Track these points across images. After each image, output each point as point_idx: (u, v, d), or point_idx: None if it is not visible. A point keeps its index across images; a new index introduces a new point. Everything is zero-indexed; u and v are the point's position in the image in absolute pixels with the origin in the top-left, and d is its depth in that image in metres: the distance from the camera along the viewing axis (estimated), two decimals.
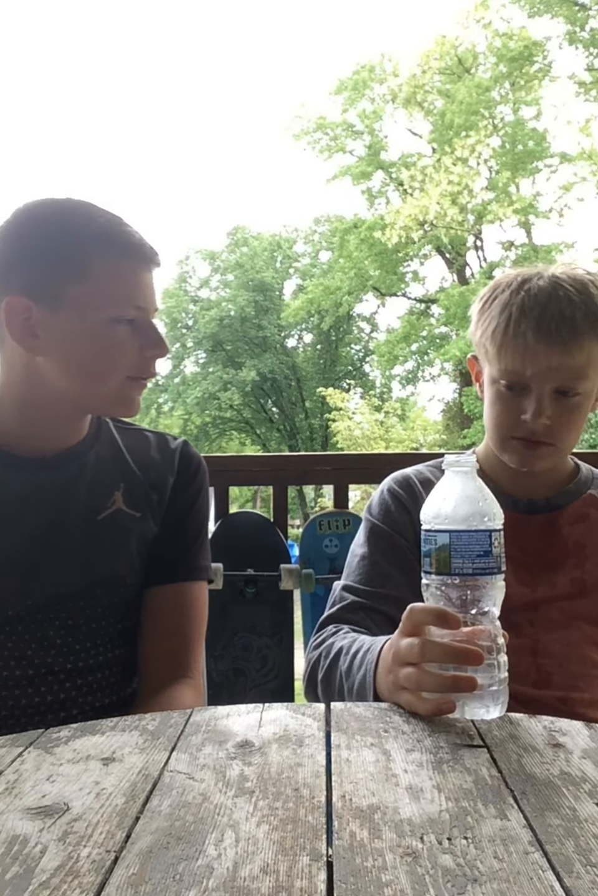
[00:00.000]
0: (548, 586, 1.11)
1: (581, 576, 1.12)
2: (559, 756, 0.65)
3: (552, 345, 1.03)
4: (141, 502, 1.08)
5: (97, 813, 0.55)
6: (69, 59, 46.43)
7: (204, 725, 0.71)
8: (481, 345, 1.12)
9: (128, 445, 1.12)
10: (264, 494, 19.33)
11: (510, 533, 0.89)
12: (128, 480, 1.08)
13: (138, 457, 1.11)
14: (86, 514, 1.04)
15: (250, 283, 23.49)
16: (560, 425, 1.07)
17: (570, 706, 1.05)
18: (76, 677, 1.02)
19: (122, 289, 0.97)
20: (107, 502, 1.06)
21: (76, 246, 0.96)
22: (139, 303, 0.99)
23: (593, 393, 1.09)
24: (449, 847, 0.49)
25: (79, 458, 1.06)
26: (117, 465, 1.09)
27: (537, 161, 16.65)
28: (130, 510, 1.07)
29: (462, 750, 0.66)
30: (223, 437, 24.18)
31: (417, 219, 15.88)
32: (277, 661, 1.93)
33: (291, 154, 51.45)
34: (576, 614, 1.10)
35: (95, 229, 0.96)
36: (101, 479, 1.06)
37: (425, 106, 18.35)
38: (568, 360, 1.04)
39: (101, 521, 1.04)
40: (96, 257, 0.96)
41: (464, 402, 16.97)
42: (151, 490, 1.09)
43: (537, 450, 1.08)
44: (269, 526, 2.00)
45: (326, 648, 1.03)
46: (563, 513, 1.15)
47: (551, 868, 0.47)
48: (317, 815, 0.54)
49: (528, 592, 1.11)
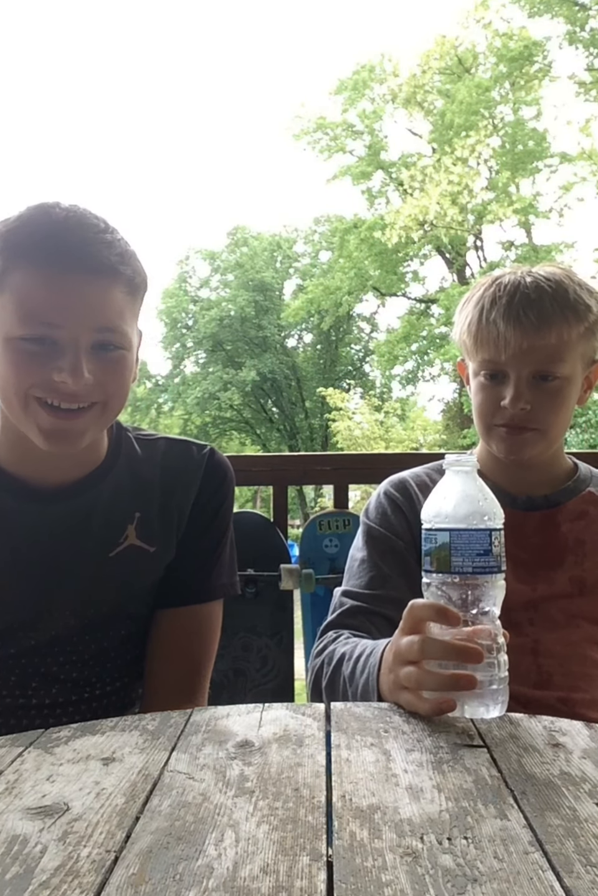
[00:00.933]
0: (547, 584, 1.11)
1: (581, 574, 1.12)
2: (559, 756, 0.65)
3: (522, 327, 1.05)
4: (156, 533, 1.02)
5: (97, 813, 0.55)
6: (70, 60, 46.45)
7: (204, 725, 0.71)
8: (462, 342, 1.15)
9: (149, 462, 1.05)
10: (264, 494, 19.33)
11: (509, 530, 0.89)
12: (144, 508, 1.02)
13: (159, 475, 1.04)
14: (97, 551, 0.99)
15: (250, 283, 23.49)
16: (542, 410, 1.08)
17: (571, 707, 1.05)
18: (80, 705, 1.01)
19: (30, 303, 0.86)
20: (120, 537, 1.00)
21: (2, 255, 0.88)
22: (51, 319, 0.86)
23: (574, 378, 1.10)
24: (449, 847, 0.49)
25: (93, 488, 1.00)
26: (134, 491, 1.02)
27: (537, 161, 16.65)
28: (143, 544, 1.01)
29: (462, 750, 0.66)
30: (223, 437, 24.16)
31: (417, 219, 15.87)
32: (277, 661, 1.93)
33: (291, 154, 51.51)
34: (576, 613, 1.10)
35: (20, 237, 0.87)
36: (115, 511, 1.00)
37: (425, 106, 18.35)
38: (539, 342, 1.06)
39: (112, 558, 1.00)
40: (13, 268, 0.87)
41: (464, 402, 16.96)
42: (169, 513, 1.03)
43: (521, 435, 1.10)
44: (269, 526, 2.00)
45: (327, 655, 1.03)
46: (562, 510, 1.15)
47: (551, 868, 0.47)
48: (317, 815, 0.54)
49: (527, 590, 1.11)
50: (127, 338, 0.92)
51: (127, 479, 1.03)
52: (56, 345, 0.87)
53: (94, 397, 0.89)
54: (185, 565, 1.05)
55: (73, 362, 0.86)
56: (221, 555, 1.08)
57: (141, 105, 48.88)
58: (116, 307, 0.89)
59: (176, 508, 1.04)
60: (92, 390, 0.89)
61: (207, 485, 1.06)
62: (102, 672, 1.02)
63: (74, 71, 45.75)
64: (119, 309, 0.90)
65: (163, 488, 1.04)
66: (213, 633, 1.07)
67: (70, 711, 0.99)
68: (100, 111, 46.61)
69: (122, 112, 47.54)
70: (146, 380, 24.64)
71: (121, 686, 1.05)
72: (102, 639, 1.01)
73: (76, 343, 0.87)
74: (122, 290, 0.90)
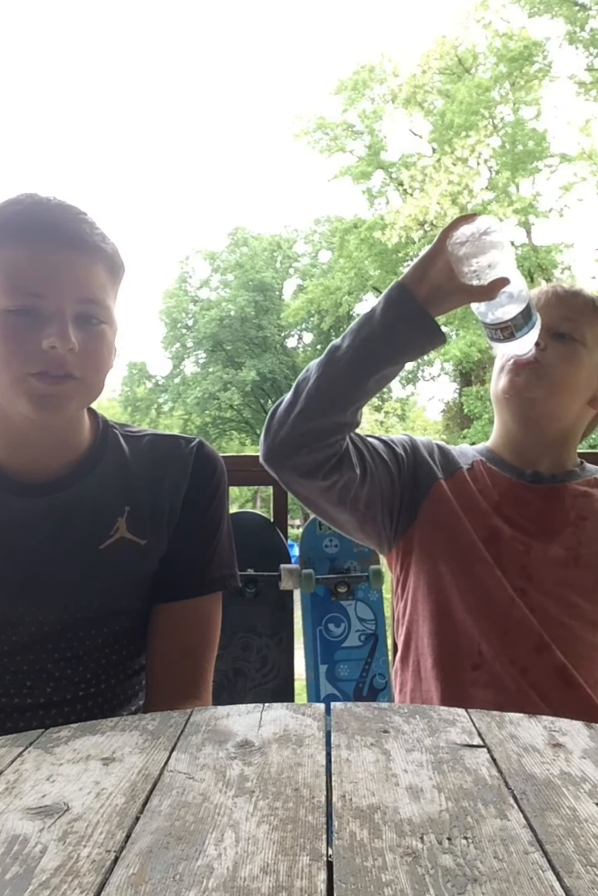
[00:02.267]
0: (543, 547, 1.14)
1: (577, 546, 1.14)
2: (559, 756, 0.65)
3: None
4: (146, 526, 1.02)
5: (97, 813, 0.55)
6: (71, 60, 46.43)
7: (204, 725, 0.71)
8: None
9: (136, 457, 1.05)
10: (264, 494, 19.33)
11: (513, 498, 0.92)
12: (133, 502, 1.02)
13: (147, 469, 1.04)
14: (87, 544, 0.99)
15: (250, 283, 23.50)
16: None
17: (567, 677, 1.07)
18: (76, 703, 1.00)
19: (17, 276, 0.89)
20: (110, 530, 1.00)
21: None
22: (38, 289, 0.89)
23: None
24: (449, 847, 0.49)
25: (80, 480, 1.00)
26: (123, 485, 1.03)
27: (537, 161, 16.63)
28: (134, 537, 1.01)
29: (462, 750, 0.66)
30: (223, 437, 24.16)
31: (417, 219, 15.87)
32: (277, 661, 1.92)
33: (291, 154, 51.52)
34: (568, 583, 1.13)
35: (9, 217, 0.91)
36: (104, 504, 1.01)
37: (425, 106, 18.34)
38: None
39: (103, 550, 0.99)
40: (2, 246, 0.90)
41: (464, 402, 16.97)
42: (159, 507, 1.03)
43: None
44: (269, 526, 2.00)
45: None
46: (567, 486, 1.19)
47: (551, 868, 0.47)
48: (317, 815, 0.54)
49: (521, 551, 1.14)
50: (109, 312, 0.95)
51: (114, 473, 1.03)
52: (42, 315, 0.90)
53: (77, 370, 0.92)
54: (180, 559, 1.04)
55: (59, 328, 0.89)
56: (218, 547, 1.08)
57: (141, 105, 48.89)
58: (98, 281, 0.93)
59: (166, 502, 1.04)
60: (76, 360, 0.91)
61: (196, 478, 1.06)
62: (98, 668, 1.02)
63: (75, 71, 45.75)
64: (102, 283, 0.94)
65: (151, 482, 1.04)
66: (212, 626, 1.06)
67: (66, 712, 0.99)
68: (100, 111, 46.64)
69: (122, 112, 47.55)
70: (146, 380, 24.65)
71: (116, 682, 1.04)
72: (96, 635, 1.01)
73: (62, 312, 0.90)
74: (103, 267, 0.94)
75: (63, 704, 0.99)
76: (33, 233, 0.90)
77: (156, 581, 1.04)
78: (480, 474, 1.21)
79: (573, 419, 1.21)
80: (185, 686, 1.01)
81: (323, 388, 1.04)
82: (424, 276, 1.01)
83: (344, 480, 1.09)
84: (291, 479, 1.09)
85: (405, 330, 1.01)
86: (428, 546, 1.18)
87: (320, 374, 1.05)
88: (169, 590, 1.04)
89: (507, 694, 1.06)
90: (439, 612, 1.14)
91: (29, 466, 0.98)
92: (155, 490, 1.03)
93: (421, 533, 1.18)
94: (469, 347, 16.06)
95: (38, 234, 0.90)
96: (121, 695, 1.05)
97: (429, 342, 1.02)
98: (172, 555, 1.04)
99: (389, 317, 1.02)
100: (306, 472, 1.07)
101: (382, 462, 1.16)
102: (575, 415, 1.20)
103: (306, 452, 1.04)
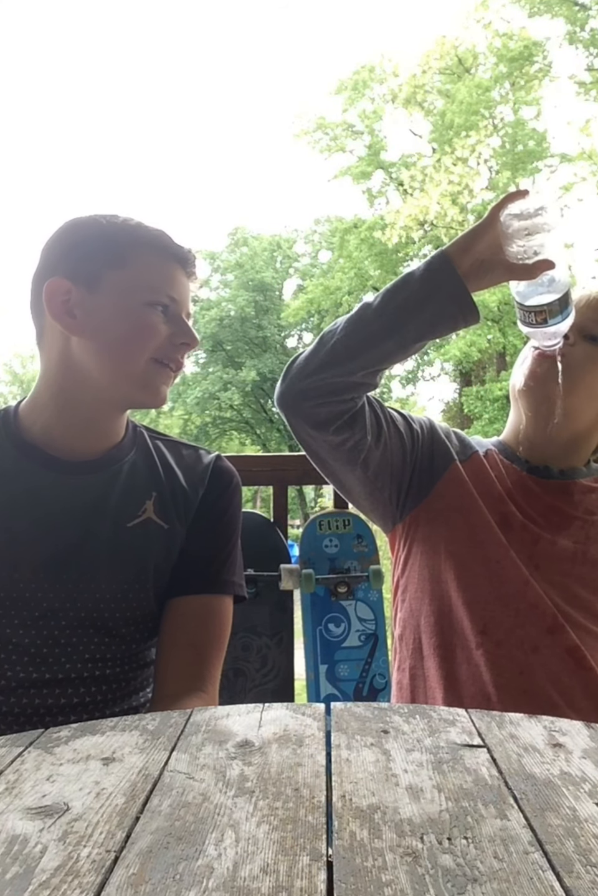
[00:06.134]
0: (551, 536, 1.15)
1: (585, 541, 1.15)
2: (559, 756, 0.65)
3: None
4: (170, 513, 1.09)
5: (97, 813, 0.55)
6: (71, 61, 46.43)
7: (204, 725, 0.71)
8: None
9: (161, 455, 1.13)
10: (264, 494, 19.31)
11: (522, 490, 0.92)
12: (159, 489, 1.09)
13: (171, 468, 1.12)
14: (117, 522, 1.05)
15: (250, 283, 23.49)
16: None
17: (580, 658, 1.07)
18: (90, 684, 1.02)
19: (158, 278, 1.03)
20: (138, 511, 1.07)
21: (119, 240, 1.02)
22: (174, 294, 1.04)
23: None
24: (449, 847, 0.49)
25: (114, 464, 1.08)
26: (150, 474, 1.10)
27: (537, 161, 16.63)
28: (159, 520, 1.08)
29: (462, 750, 0.66)
30: (223, 437, 24.16)
31: (417, 219, 15.85)
32: (277, 661, 1.92)
33: (291, 154, 51.49)
34: (575, 576, 1.13)
35: (141, 232, 1.04)
36: (134, 486, 1.08)
37: (425, 106, 18.33)
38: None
39: (130, 528, 1.05)
40: (137, 250, 1.02)
41: (464, 403, 16.97)
42: (180, 501, 1.10)
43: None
44: (269, 526, 2.00)
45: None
46: (576, 482, 1.20)
47: (551, 868, 0.47)
48: (317, 815, 0.54)
49: (530, 542, 1.14)
50: None
51: (143, 462, 1.11)
52: (174, 317, 1.04)
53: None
54: (195, 555, 1.09)
55: (190, 330, 1.06)
56: (232, 553, 1.13)
57: (142, 106, 48.89)
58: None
59: (186, 497, 1.10)
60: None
61: (213, 486, 1.13)
62: (117, 652, 1.04)
63: (76, 72, 45.75)
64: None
65: (174, 476, 1.11)
66: (222, 626, 1.10)
67: (81, 692, 1.01)
68: (100, 111, 46.64)
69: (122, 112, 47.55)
70: None
71: (130, 669, 1.07)
72: (119, 617, 1.03)
73: (185, 318, 1.07)
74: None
75: (78, 681, 1.01)
76: (165, 246, 1.05)
77: (171, 575, 1.08)
78: (494, 462, 1.23)
79: (588, 423, 1.20)
80: (192, 679, 1.04)
81: (348, 345, 1.04)
82: (469, 248, 1.01)
83: (355, 440, 1.09)
84: (302, 429, 1.11)
85: (441, 302, 1.01)
86: (439, 525, 1.18)
87: (347, 331, 1.05)
88: (182, 584, 1.08)
89: (510, 675, 1.07)
90: (444, 592, 1.15)
91: (76, 447, 1.05)
92: (177, 484, 1.11)
93: (431, 513, 1.19)
94: (469, 347, 16.07)
95: (169, 248, 1.05)
96: (133, 680, 1.08)
97: (463, 319, 1.02)
98: (187, 550, 1.09)
99: (427, 288, 1.02)
100: (316, 424, 1.07)
101: (397, 434, 1.16)
102: (591, 420, 1.20)
103: (320, 404, 1.05)
